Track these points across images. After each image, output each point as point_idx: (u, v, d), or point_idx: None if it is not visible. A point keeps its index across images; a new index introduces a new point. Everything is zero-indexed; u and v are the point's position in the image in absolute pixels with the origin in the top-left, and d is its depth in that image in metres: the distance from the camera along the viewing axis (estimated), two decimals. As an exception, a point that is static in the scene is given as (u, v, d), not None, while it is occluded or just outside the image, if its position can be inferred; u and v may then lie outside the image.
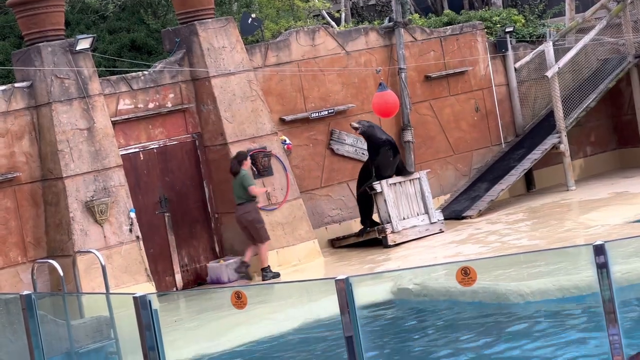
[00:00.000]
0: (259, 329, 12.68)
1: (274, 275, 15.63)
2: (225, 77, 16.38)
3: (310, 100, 17.66)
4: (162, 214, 16.03)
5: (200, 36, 16.28)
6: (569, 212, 17.33)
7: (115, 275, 14.70)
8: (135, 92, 15.88)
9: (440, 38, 19.27)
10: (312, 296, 13.31)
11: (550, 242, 14.85)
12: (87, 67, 15.17)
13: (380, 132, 17.19)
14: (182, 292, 15.97)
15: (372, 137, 16.97)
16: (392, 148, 17.05)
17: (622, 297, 6.45)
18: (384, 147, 16.90)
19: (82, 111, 15.08)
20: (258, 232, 15.67)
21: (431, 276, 13.25)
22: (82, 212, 14.83)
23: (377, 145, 16.92)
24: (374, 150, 16.94)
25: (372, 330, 11.82)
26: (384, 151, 16.90)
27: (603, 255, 6.30)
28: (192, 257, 16.30)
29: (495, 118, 19.79)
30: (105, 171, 15.12)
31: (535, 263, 13.25)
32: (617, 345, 6.30)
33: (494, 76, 19.81)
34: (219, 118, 16.26)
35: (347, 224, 17.76)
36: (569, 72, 19.66)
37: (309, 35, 17.74)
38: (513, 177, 18.73)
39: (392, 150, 17.04)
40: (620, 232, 14.69)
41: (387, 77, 18.30)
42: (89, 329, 11.49)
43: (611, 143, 20.98)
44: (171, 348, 8.38)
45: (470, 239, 16.32)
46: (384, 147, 16.90)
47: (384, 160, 16.93)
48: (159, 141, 16.12)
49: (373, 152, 16.96)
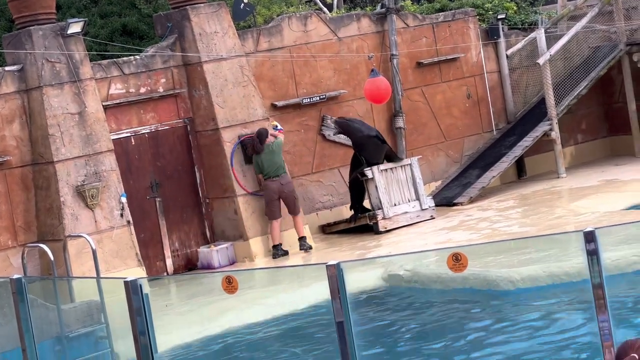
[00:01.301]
0: (250, 314, 12.70)
1: (284, 254, 15.87)
2: (217, 62, 16.35)
3: (302, 86, 17.65)
4: (153, 199, 16.02)
5: (192, 21, 16.24)
6: (559, 199, 17.37)
7: (106, 259, 14.69)
8: (126, 76, 15.85)
9: (433, 24, 19.26)
10: (303, 281, 13.33)
11: (540, 229, 14.88)
12: (78, 51, 15.13)
13: (359, 126, 17.08)
14: (173, 277, 15.97)
15: (351, 133, 17.00)
16: (378, 139, 16.99)
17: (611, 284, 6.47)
18: (366, 142, 16.86)
19: (73, 95, 15.05)
20: (295, 203, 16.09)
21: (422, 262, 13.27)
22: (73, 196, 14.81)
23: (357, 140, 16.93)
24: (357, 144, 16.98)
25: (363, 315, 11.85)
26: (366, 144, 16.87)
27: (593, 242, 6.31)
28: (183, 242, 16.30)
29: (487, 105, 19.80)
30: (97, 156, 15.10)
31: (525, 250, 13.28)
32: (607, 331, 6.32)
33: (486, 63, 19.81)
34: (210, 103, 16.24)
35: (338, 210, 17.77)
36: (561, 60, 19.67)
37: (301, 21, 17.72)
38: (504, 164, 18.76)
39: (379, 141, 16.99)
40: (611, 219, 14.73)
41: (379, 64, 18.28)
42: (80, 314, 11.49)
43: (602, 131, 21.00)
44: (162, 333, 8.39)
45: (461, 225, 16.34)
46: (366, 142, 16.86)
47: (369, 152, 16.93)
48: (151, 126, 16.10)
49: (355, 147, 17.01)
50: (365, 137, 16.93)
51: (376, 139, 17.02)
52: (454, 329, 11.36)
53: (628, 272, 11.88)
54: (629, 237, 12.80)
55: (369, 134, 17.02)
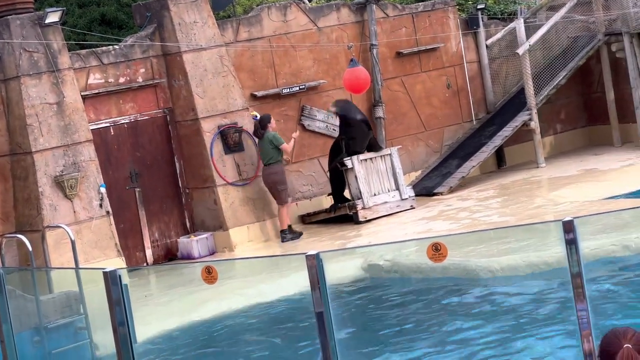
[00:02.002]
0: (230, 304, 12.69)
1: (293, 237, 16.01)
2: (197, 52, 16.30)
3: (281, 76, 17.62)
4: (132, 189, 15.98)
5: (172, 11, 16.19)
6: (538, 188, 17.42)
7: (85, 250, 14.65)
8: (105, 66, 15.79)
9: (412, 14, 19.26)
10: (282, 272, 13.33)
11: (520, 219, 14.93)
12: (56, 40, 15.06)
13: (356, 111, 17.18)
14: (153, 267, 15.94)
15: (348, 117, 16.99)
16: (367, 126, 17.09)
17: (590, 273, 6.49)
18: (358, 126, 16.90)
19: (51, 85, 14.98)
20: (279, 194, 16.19)
21: (402, 252, 13.29)
22: (52, 186, 14.75)
23: (351, 124, 16.91)
24: (349, 128, 16.94)
25: (342, 306, 11.85)
26: (359, 129, 16.89)
27: (572, 232, 6.32)
28: (163, 232, 16.27)
29: (467, 95, 19.83)
30: (75, 146, 15.04)
31: (505, 239, 13.32)
32: (585, 320, 6.34)
33: (466, 53, 19.83)
34: (190, 93, 16.20)
35: (317, 200, 17.77)
36: (540, 50, 19.71)
37: (281, 10, 17.69)
38: (484, 154, 18.79)
39: (367, 128, 17.09)
40: (590, 208, 14.78)
41: (358, 53, 18.27)
42: (58, 304, 11.44)
43: (581, 120, 21.07)
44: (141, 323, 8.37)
45: (441, 215, 16.37)
46: (358, 126, 16.90)
47: (358, 137, 16.93)
48: (130, 116, 16.04)
49: (347, 130, 16.96)
50: (359, 121, 16.95)
51: (366, 125, 17.06)
52: (434, 319, 11.38)
53: (606, 260, 11.94)
54: (607, 226, 12.86)
55: (363, 119, 17.08)
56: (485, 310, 11.35)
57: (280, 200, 16.22)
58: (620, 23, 19.35)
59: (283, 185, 16.21)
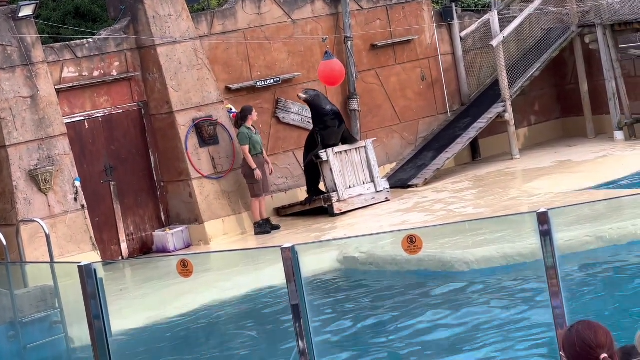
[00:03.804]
0: (205, 297, 12.68)
1: (262, 231, 15.99)
2: (171, 45, 16.27)
3: (256, 69, 17.60)
4: (107, 183, 15.93)
5: (146, 4, 16.13)
6: (513, 180, 17.48)
7: (60, 244, 14.60)
8: (79, 60, 15.72)
9: (387, 7, 19.27)
10: (258, 265, 13.33)
11: (495, 210, 14.98)
12: (30, 34, 14.99)
13: (326, 102, 17.20)
14: (128, 260, 15.91)
15: (317, 106, 17.00)
16: (336, 118, 17.08)
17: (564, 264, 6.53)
18: (328, 117, 16.93)
19: (25, 79, 14.91)
20: (250, 187, 16.17)
21: (377, 245, 13.31)
22: (26, 180, 14.69)
23: (321, 114, 16.95)
24: (319, 119, 16.98)
25: (318, 298, 11.87)
26: (328, 120, 16.92)
27: (546, 223, 6.36)
28: (138, 225, 16.23)
29: (441, 87, 19.86)
30: (50, 140, 14.98)
31: (480, 231, 13.37)
32: (560, 311, 6.39)
33: (440, 45, 19.86)
34: (164, 86, 16.16)
35: (293, 193, 17.77)
36: (514, 42, 19.77)
37: (255, 3, 17.66)
38: (459, 145, 18.83)
39: (337, 120, 17.08)
40: (564, 200, 14.85)
41: (333, 46, 18.28)
42: (33, 299, 11.42)
43: (555, 112, 21.15)
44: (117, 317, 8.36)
45: (416, 207, 16.41)
46: (328, 117, 16.93)
47: (328, 129, 16.96)
48: (105, 110, 15.99)
49: (317, 121, 17.00)
50: (328, 112, 16.94)
51: (336, 118, 17.04)
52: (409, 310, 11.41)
53: (580, 252, 12.01)
54: (581, 217, 12.93)
55: (333, 110, 17.06)
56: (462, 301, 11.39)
57: (252, 192, 16.21)
58: (594, 15, 19.44)
59: (252, 179, 16.15)
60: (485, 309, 10.90)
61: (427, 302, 11.68)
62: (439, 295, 11.85)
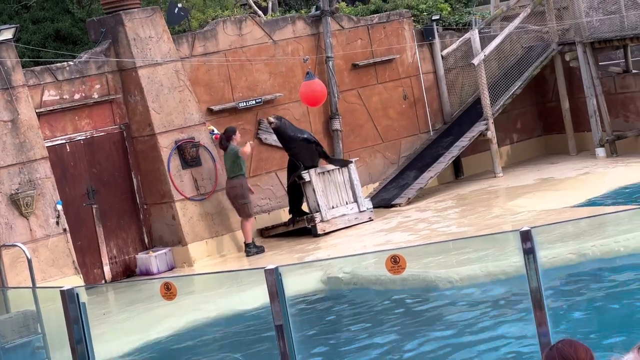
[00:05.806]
0: (189, 320, 12.62)
1: (258, 251, 16.01)
2: (152, 67, 16.25)
3: (237, 90, 17.60)
4: (89, 206, 15.87)
5: (126, 26, 16.12)
6: (496, 198, 17.50)
7: (42, 268, 14.52)
8: (60, 83, 15.69)
9: (368, 26, 19.32)
10: (242, 286, 13.28)
11: (478, 229, 14.98)
12: (10, 57, 14.94)
13: (293, 129, 17.09)
14: (111, 284, 15.84)
15: (283, 134, 16.99)
16: (307, 142, 16.96)
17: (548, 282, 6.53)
18: (293, 143, 16.87)
19: (5, 103, 14.86)
20: (242, 208, 16.18)
21: (361, 265, 13.29)
22: (7, 205, 14.62)
23: (287, 141, 16.94)
24: (285, 146, 17.01)
25: (302, 319, 11.83)
26: (297, 144, 16.87)
27: (530, 241, 6.36)
28: (121, 248, 16.17)
29: (423, 106, 19.90)
30: (31, 163, 14.92)
31: (463, 250, 13.36)
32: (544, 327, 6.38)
33: (421, 64, 19.91)
34: (146, 109, 16.13)
35: (276, 214, 17.74)
36: (495, 60, 19.84)
37: (236, 24, 17.67)
38: (441, 164, 18.86)
39: (309, 144, 16.95)
40: (547, 217, 14.87)
41: (314, 66, 18.30)
42: (15, 324, 11.34)
43: (536, 130, 21.21)
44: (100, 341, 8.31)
45: (400, 227, 16.39)
46: (293, 143, 16.87)
47: (301, 152, 16.93)
48: (86, 132, 15.95)
49: (286, 148, 17.04)
50: (294, 139, 16.92)
51: (306, 141, 16.98)
52: (394, 330, 11.39)
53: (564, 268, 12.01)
54: (564, 235, 12.94)
55: (299, 136, 16.99)
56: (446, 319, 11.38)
57: (243, 213, 16.18)
58: (574, 33, 19.53)
59: (244, 199, 16.16)
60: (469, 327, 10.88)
61: (412, 321, 11.66)
62: (424, 314, 11.83)
